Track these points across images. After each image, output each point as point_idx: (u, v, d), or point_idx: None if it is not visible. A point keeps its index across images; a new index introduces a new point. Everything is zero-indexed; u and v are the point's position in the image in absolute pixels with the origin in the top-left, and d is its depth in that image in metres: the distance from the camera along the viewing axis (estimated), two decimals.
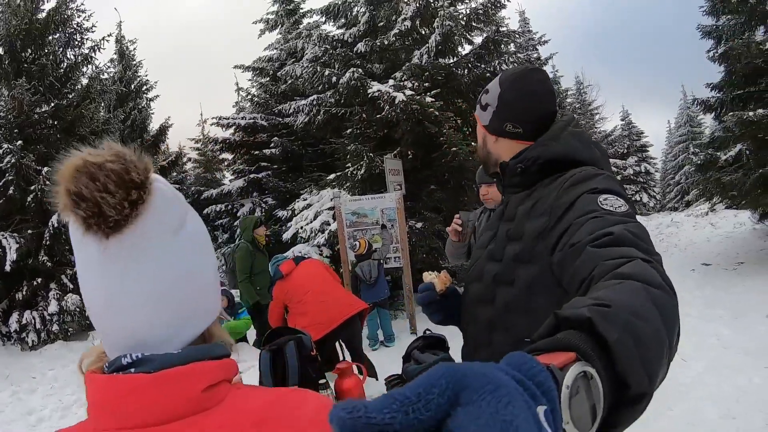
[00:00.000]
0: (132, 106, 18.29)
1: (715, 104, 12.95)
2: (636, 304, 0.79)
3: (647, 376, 0.71)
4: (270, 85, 16.96)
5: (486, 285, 1.65)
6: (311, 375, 3.53)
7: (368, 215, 9.09)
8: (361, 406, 0.41)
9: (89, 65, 13.54)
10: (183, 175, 21.97)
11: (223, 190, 16.15)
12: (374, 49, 11.48)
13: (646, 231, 1.17)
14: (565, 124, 1.62)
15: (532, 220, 1.49)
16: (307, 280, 5.45)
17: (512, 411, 0.42)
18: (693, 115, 36.13)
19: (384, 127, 10.69)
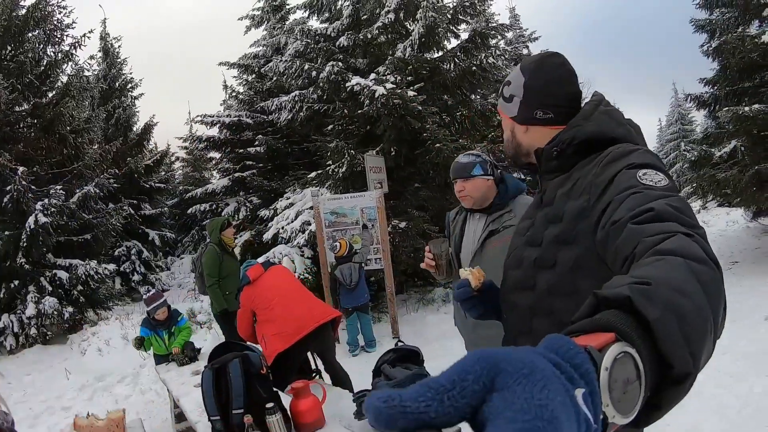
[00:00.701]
0: (116, 104, 17.95)
1: (708, 100, 12.68)
2: (678, 281, 0.76)
3: (691, 355, 0.67)
4: (255, 82, 16.50)
5: (525, 271, 1.62)
6: (261, 395, 3.29)
7: (348, 215, 8.60)
8: (397, 395, 0.42)
9: (70, 62, 13.27)
10: (170, 174, 21.65)
11: (207, 189, 15.67)
12: (357, 43, 10.99)
13: (688, 204, 1.12)
14: (597, 103, 1.60)
15: (571, 200, 1.46)
16: (275, 286, 5.01)
17: (548, 395, 0.41)
18: (684, 113, 35.86)
19: (366, 123, 10.22)
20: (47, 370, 9.00)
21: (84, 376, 8.22)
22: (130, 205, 16.31)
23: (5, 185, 10.69)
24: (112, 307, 13.02)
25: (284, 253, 9.87)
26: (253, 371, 3.37)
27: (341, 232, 8.61)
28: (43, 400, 7.52)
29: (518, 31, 22.35)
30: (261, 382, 3.40)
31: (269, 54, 15.45)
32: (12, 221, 11.06)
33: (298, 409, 3.31)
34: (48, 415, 6.96)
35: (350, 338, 7.99)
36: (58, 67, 13.21)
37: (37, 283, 10.86)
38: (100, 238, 12.67)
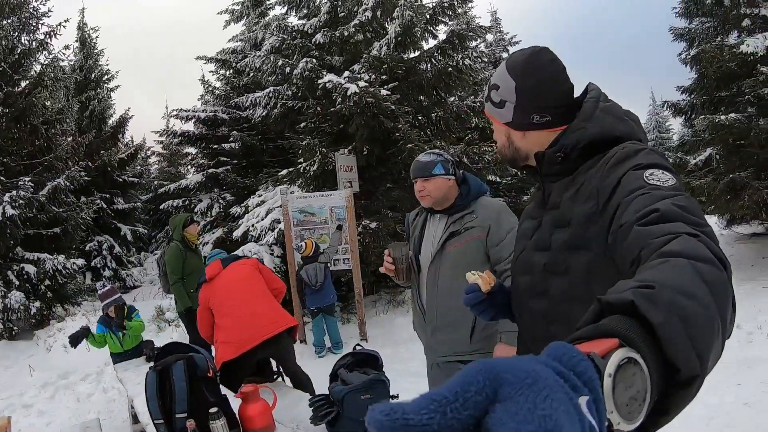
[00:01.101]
0: (92, 96, 17.62)
1: (685, 107, 12.68)
2: (682, 282, 0.75)
3: (698, 357, 0.67)
4: (232, 77, 16.11)
5: (537, 276, 1.58)
6: (207, 399, 3.16)
7: (316, 214, 8.39)
8: (399, 407, 0.41)
9: (44, 51, 12.91)
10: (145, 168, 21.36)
11: (181, 184, 15.34)
12: (334, 40, 10.70)
13: (695, 203, 1.10)
14: (595, 101, 1.54)
15: (578, 205, 1.43)
16: (228, 289, 4.74)
17: (551, 404, 0.41)
18: (662, 121, 35.91)
19: (339, 121, 9.96)
20: (12, 365, 8.81)
21: (48, 373, 8.02)
22: (102, 199, 16.17)
23: None
24: (80, 303, 12.81)
25: (253, 251, 9.57)
26: (199, 374, 3.22)
27: (310, 231, 8.41)
28: (4, 397, 7.29)
29: (498, 35, 22.17)
30: (208, 385, 3.26)
31: (247, 49, 15.17)
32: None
33: (246, 414, 3.22)
34: (9, 412, 6.58)
35: (316, 339, 7.82)
36: (32, 56, 12.83)
37: (4, 277, 10.62)
38: (70, 231, 12.44)
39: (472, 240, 2.86)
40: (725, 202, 10.12)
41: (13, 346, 9.83)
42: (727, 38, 11.51)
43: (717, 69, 10.51)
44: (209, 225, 14.24)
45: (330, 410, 3.51)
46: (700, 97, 12.19)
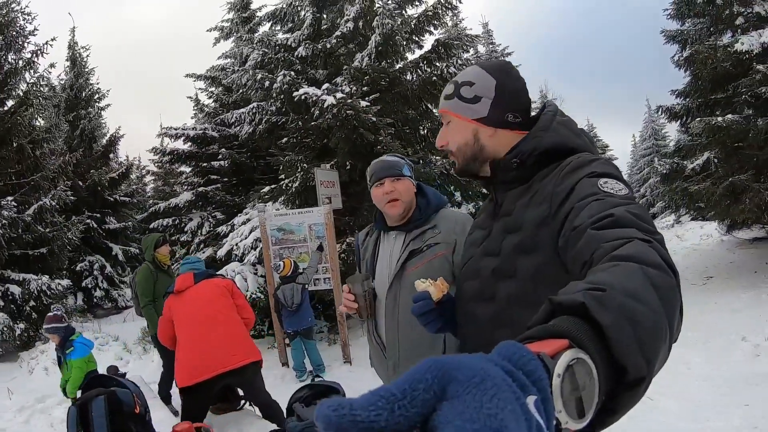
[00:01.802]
0: (82, 115, 17.26)
1: (680, 111, 12.31)
2: (632, 286, 0.77)
3: (645, 360, 0.68)
4: (221, 94, 15.78)
5: (484, 281, 1.59)
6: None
7: (295, 231, 7.88)
8: (347, 403, 0.41)
9: (30, 70, 12.65)
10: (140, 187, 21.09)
11: (171, 203, 14.96)
12: (316, 53, 10.29)
13: (647, 211, 1.14)
14: (553, 114, 1.58)
15: (531, 209, 1.44)
16: (195, 307, 4.42)
17: (497, 404, 0.41)
18: (658, 128, 35.77)
19: (322, 136, 9.49)
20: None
21: (26, 396, 7.70)
22: (93, 219, 15.91)
23: None
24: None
25: (237, 270, 9.20)
26: (125, 409, 3.09)
27: (289, 250, 7.92)
28: None
29: (491, 46, 21.88)
30: (135, 422, 3.12)
31: (236, 66, 14.78)
32: None
33: None
34: None
35: (296, 363, 7.36)
36: (18, 74, 12.58)
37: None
38: (56, 252, 12.26)
39: (435, 258, 2.39)
40: (725, 207, 9.87)
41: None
42: (720, 38, 11.18)
43: (711, 70, 10.21)
44: (200, 244, 13.85)
45: None
46: (695, 100, 11.86)
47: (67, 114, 16.93)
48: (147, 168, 22.54)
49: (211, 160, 14.69)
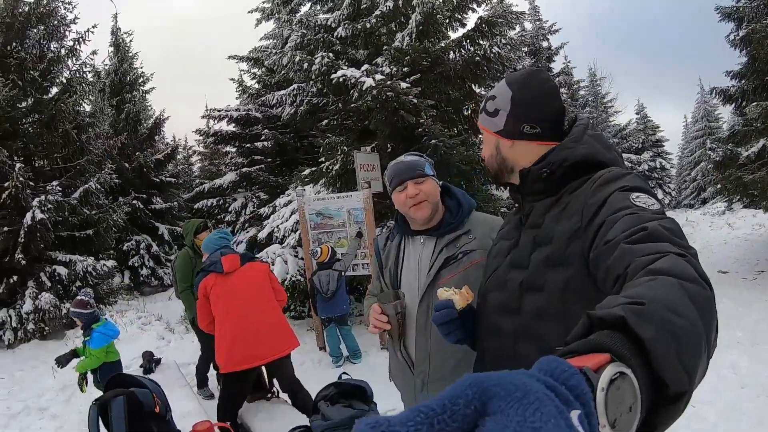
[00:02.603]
0: (127, 99, 17.43)
1: (735, 94, 11.66)
2: (671, 300, 0.76)
3: (686, 374, 0.67)
4: (264, 75, 15.74)
5: (510, 293, 1.55)
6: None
7: (334, 216, 7.75)
8: (385, 420, 0.41)
9: (73, 58, 12.81)
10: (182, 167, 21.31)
11: (215, 183, 15.05)
12: (356, 33, 10.03)
13: (679, 226, 1.12)
14: (585, 127, 1.57)
15: (562, 222, 1.42)
16: (245, 292, 4.38)
17: (541, 417, 0.41)
18: (710, 110, 34.76)
19: (363, 118, 9.29)
20: (40, 366, 8.66)
21: (69, 375, 7.75)
22: (139, 200, 16.18)
23: (4, 181, 10.46)
24: (114, 303, 12.75)
25: (277, 253, 9.11)
26: (145, 410, 2.99)
27: (327, 235, 7.81)
28: (23, 399, 7.13)
29: (537, 23, 21.32)
30: (155, 421, 3.02)
31: (278, 47, 14.67)
32: (11, 217, 10.85)
33: None
34: (24, 415, 6.62)
35: (332, 349, 7.31)
36: (61, 62, 12.68)
37: (36, 279, 10.68)
38: (102, 233, 12.47)
39: (472, 266, 2.16)
40: None
41: (43, 346, 9.82)
42: None
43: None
44: (245, 224, 13.91)
45: None
46: (751, 82, 11.17)
47: (111, 98, 17.12)
48: (193, 148, 22.85)
49: (255, 141, 14.78)
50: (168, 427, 3.07)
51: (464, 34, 9.72)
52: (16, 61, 11.44)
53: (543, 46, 20.39)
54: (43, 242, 10.69)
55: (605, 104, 32.53)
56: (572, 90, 23.21)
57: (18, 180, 10.30)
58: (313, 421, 3.38)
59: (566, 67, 23.18)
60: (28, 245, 10.49)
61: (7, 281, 10.56)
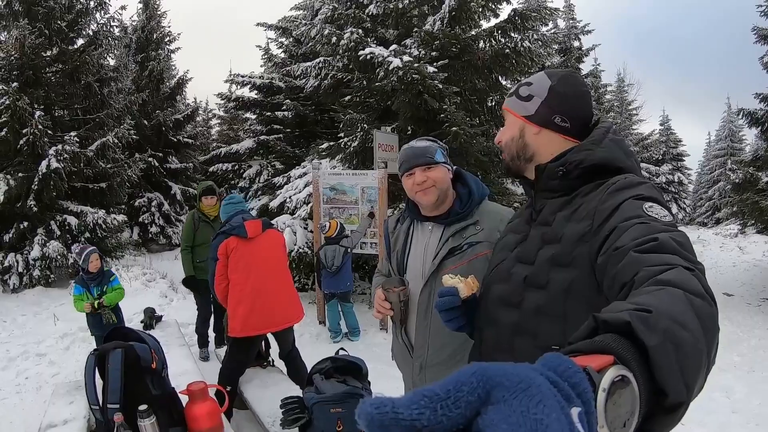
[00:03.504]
0: (152, 56, 17.37)
1: (762, 118, 11.49)
2: (676, 312, 0.77)
3: (685, 385, 0.68)
4: (291, 46, 15.76)
5: (514, 287, 1.55)
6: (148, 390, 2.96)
7: (347, 192, 7.76)
8: (389, 401, 0.42)
9: (101, 11, 12.95)
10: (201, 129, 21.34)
11: (232, 149, 15.11)
12: (387, 12, 9.93)
13: (689, 240, 1.12)
14: (606, 130, 1.54)
15: (572, 223, 1.42)
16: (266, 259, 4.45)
17: (543, 410, 0.41)
18: (735, 130, 34.40)
19: (386, 98, 9.27)
20: (42, 312, 8.82)
21: (70, 324, 7.85)
22: (155, 158, 16.20)
23: (23, 128, 10.54)
24: (120, 257, 12.90)
25: (287, 223, 9.15)
26: (142, 364, 2.99)
27: (339, 210, 7.84)
28: (22, 343, 7.27)
29: (571, 21, 21.14)
30: (150, 376, 3.03)
31: (308, 18, 14.63)
32: (26, 163, 10.93)
33: (192, 413, 3.00)
34: (22, 359, 6.72)
35: (331, 324, 7.36)
36: (89, 15, 12.78)
37: (46, 227, 10.84)
38: (115, 187, 12.62)
39: (476, 258, 2.17)
40: None
41: (46, 294, 9.94)
42: None
43: None
44: (257, 191, 13.95)
45: (300, 416, 3.33)
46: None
47: (136, 55, 17.16)
48: (213, 111, 22.85)
49: (276, 110, 14.84)
50: (163, 382, 3.08)
51: (496, 25, 9.62)
52: (44, 10, 11.54)
53: (574, 46, 20.21)
54: (56, 191, 10.82)
55: (630, 111, 32.22)
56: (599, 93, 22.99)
57: (36, 127, 10.42)
58: (306, 392, 3.44)
59: (595, 70, 22.98)
60: (41, 193, 10.60)
61: (18, 227, 10.70)
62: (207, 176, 15.81)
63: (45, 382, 5.99)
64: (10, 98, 10.25)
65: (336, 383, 3.40)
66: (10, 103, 10.24)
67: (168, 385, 3.15)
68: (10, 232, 10.67)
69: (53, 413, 3.78)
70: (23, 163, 10.91)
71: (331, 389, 3.31)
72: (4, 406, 5.43)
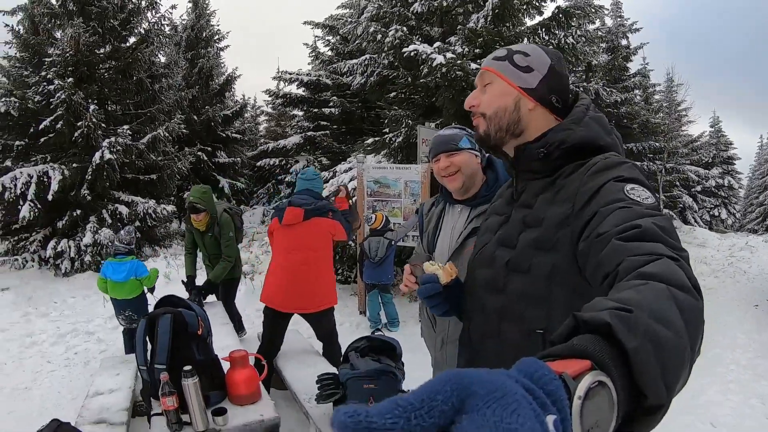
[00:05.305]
0: (201, 54, 17.84)
1: None
2: (658, 308, 0.76)
3: (666, 387, 0.68)
4: (338, 43, 16.05)
5: (497, 271, 1.54)
6: (192, 355, 3.22)
7: (391, 186, 7.90)
8: (363, 411, 0.41)
9: (152, 10, 13.50)
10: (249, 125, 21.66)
11: (279, 144, 15.42)
12: (432, 9, 10.14)
13: (673, 225, 1.10)
14: (586, 107, 1.53)
15: (554, 206, 1.40)
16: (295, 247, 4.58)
17: (517, 419, 0.41)
18: None
19: (430, 94, 9.42)
20: (91, 296, 9.10)
21: None
22: (204, 152, 16.53)
23: (78, 121, 11.01)
24: (168, 246, 13.33)
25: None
26: (189, 330, 3.24)
27: (382, 203, 7.98)
28: (72, 321, 7.70)
29: (618, 20, 20.86)
30: (197, 343, 3.29)
31: (354, 16, 14.88)
32: (81, 155, 11.41)
33: (232, 379, 3.26)
34: (72, 336, 7.11)
35: (371, 314, 7.53)
36: (141, 14, 13.27)
37: (98, 215, 11.29)
38: (165, 179, 13.07)
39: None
40: None
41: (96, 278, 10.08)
42: None
43: None
44: None
45: (335, 392, 3.44)
46: None
47: (186, 52, 17.53)
48: (261, 108, 23.16)
49: (323, 107, 15.14)
50: (207, 348, 3.32)
51: (540, 23, 9.76)
52: (97, 10, 12.07)
53: (621, 44, 19.91)
54: (108, 181, 11.26)
55: (680, 112, 31.49)
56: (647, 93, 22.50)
57: (91, 120, 10.90)
58: (341, 369, 3.56)
59: (643, 69, 22.44)
60: (94, 183, 11.10)
61: (71, 214, 11.17)
62: (254, 171, 16.12)
63: (93, 357, 6.30)
64: (66, 93, 10.74)
65: (370, 361, 3.49)
66: (66, 97, 10.73)
67: (212, 351, 3.40)
68: (63, 219, 11.13)
69: (100, 383, 4.10)
70: (77, 154, 11.39)
71: (365, 366, 3.40)
72: (53, 377, 5.77)
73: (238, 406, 3.22)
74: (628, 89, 18.72)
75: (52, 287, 9.77)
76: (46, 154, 11.57)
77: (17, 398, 5.23)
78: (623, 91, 17.52)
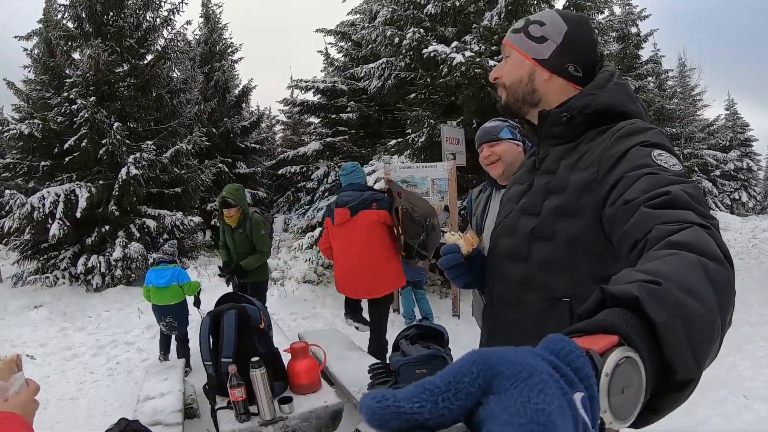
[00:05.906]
0: (216, 67, 18.09)
1: None
2: (689, 281, 0.73)
3: (695, 362, 0.66)
4: (351, 49, 16.27)
5: (520, 240, 1.53)
6: (256, 349, 3.38)
7: (418, 185, 8.05)
8: (390, 395, 0.41)
9: (168, 27, 13.80)
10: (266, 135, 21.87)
11: (299, 151, 15.65)
12: (445, 10, 10.26)
13: (702, 193, 1.07)
14: (610, 74, 1.49)
15: (577, 172, 1.38)
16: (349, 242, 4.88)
17: (545, 399, 0.41)
18: None
19: (450, 93, 9.60)
20: (125, 308, 9.42)
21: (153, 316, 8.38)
22: (224, 163, 16.70)
23: (102, 139, 11.25)
24: (196, 257, 13.57)
25: None
26: (252, 324, 3.41)
27: None
28: (110, 333, 7.88)
29: (627, 8, 20.90)
30: (259, 336, 3.45)
31: (366, 22, 15.08)
32: (107, 171, 11.67)
33: (294, 369, 3.46)
34: (111, 347, 7.29)
35: (405, 311, 7.66)
36: (156, 31, 13.61)
37: (126, 229, 11.50)
38: (190, 191, 13.35)
39: None
40: None
41: (128, 291, 10.53)
42: None
43: None
44: (325, 192, 14.41)
45: (387, 379, 3.58)
46: None
47: (202, 66, 17.75)
48: (277, 118, 23.34)
49: (340, 113, 15.35)
50: (269, 342, 3.51)
51: None
52: (114, 29, 12.41)
53: (631, 32, 19.91)
54: (135, 196, 11.50)
55: (694, 96, 31.25)
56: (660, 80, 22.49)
57: (115, 137, 11.17)
58: (392, 357, 3.73)
59: (655, 55, 22.40)
60: (121, 198, 11.33)
61: (99, 230, 11.39)
62: (274, 180, 16.30)
63: (135, 366, 6.47)
64: (89, 112, 11.02)
65: (420, 347, 3.64)
66: (89, 116, 11.02)
67: (272, 344, 3.58)
68: (92, 235, 11.34)
69: (149, 388, 4.31)
70: (102, 171, 11.68)
71: (416, 352, 3.55)
72: (98, 386, 5.93)
73: (300, 395, 3.39)
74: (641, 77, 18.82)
75: (85, 302, 9.98)
76: (71, 173, 11.82)
77: (64, 408, 5.37)
78: (636, 78, 17.62)
